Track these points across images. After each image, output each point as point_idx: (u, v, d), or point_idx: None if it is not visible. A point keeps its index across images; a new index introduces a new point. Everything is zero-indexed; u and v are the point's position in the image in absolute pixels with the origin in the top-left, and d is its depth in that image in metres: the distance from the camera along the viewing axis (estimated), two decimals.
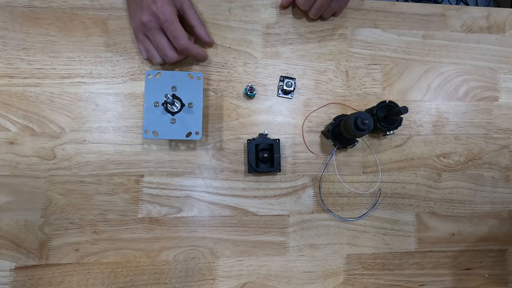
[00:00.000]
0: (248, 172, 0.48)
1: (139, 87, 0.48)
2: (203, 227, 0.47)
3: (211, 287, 0.46)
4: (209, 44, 0.50)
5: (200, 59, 0.50)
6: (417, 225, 0.51)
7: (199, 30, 0.47)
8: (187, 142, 0.48)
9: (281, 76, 0.51)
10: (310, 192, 0.50)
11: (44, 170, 0.46)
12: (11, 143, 0.46)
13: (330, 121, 0.49)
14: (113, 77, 0.48)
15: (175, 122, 0.43)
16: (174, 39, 0.45)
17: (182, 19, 0.47)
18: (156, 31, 0.45)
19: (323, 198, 0.50)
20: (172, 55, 0.46)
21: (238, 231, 0.48)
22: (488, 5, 1.45)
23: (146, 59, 0.48)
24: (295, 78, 0.50)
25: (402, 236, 0.50)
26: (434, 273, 0.50)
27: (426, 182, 0.52)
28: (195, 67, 0.50)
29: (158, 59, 0.47)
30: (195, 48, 0.47)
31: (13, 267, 0.44)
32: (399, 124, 0.48)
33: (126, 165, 0.47)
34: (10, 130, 0.46)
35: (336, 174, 0.50)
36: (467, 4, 1.40)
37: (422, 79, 0.53)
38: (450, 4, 1.35)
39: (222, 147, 0.49)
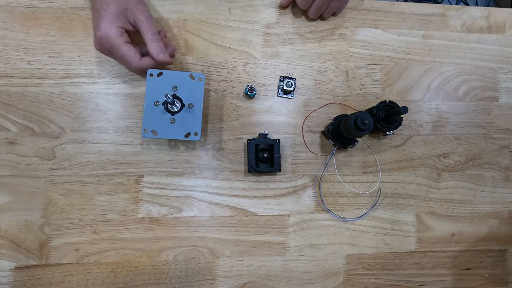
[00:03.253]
0: (248, 172, 0.48)
1: (139, 87, 0.48)
2: (203, 227, 0.47)
3: (211, 287, 0.46)
4: (162, 63, 0.43)
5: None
6: (417, 225, 0.51)
7: (150, 48, 0.42)
8: (187, 142, 0.48)
9: (281, 76, 0.51)
10: (310, 192, 0.49)
11: (44, 170, 0.46)
12: (11, 143, 0.46)
13: (330, 121, 0.49)
14: (113, 77, 0.48)
15: (174, 122, 0.43)
16: (125, 64, 0.44)
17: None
18: (112, 54, 0.44)
19: (323, 198, 0.50)
20: (139, 71, 0.44)
21: (238, 231, 0.48)
22: (488, 5, 1.45)
23: None
24: (295, 78, 0.50)
25: (402, 236, 0.50)
26: (434, 273, 0.50)
27: (426, 182, 0.52)
28: (197, 67, 0.50)
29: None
30: (151, 64, 0.43)
31: (13, 267, 0.44)
32: (399, 124, 0.48)
33: (126, 165, 0.47)
34: (10, 130, 0.46)
35: (336, 174, 0.50)
36: (467, 4, 1.40)
37: (422, 79, 0.53)
38: (450, 4, 1.35)
39: (222, 147, 0.49)
